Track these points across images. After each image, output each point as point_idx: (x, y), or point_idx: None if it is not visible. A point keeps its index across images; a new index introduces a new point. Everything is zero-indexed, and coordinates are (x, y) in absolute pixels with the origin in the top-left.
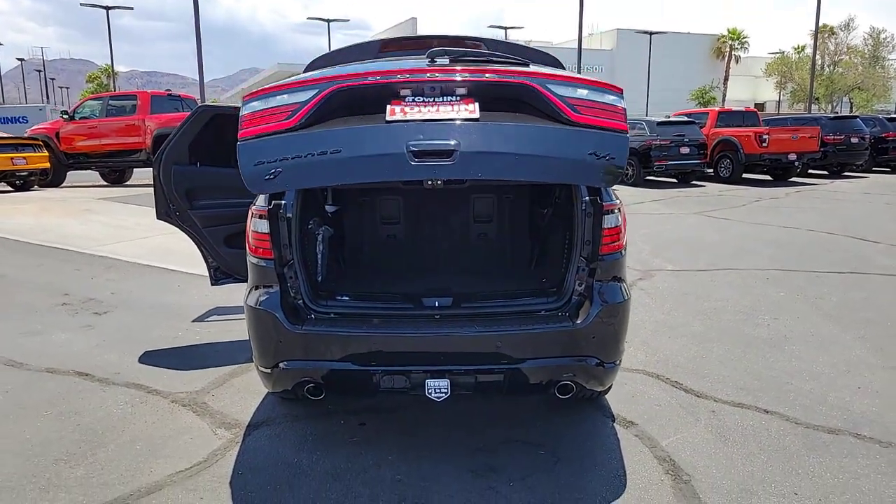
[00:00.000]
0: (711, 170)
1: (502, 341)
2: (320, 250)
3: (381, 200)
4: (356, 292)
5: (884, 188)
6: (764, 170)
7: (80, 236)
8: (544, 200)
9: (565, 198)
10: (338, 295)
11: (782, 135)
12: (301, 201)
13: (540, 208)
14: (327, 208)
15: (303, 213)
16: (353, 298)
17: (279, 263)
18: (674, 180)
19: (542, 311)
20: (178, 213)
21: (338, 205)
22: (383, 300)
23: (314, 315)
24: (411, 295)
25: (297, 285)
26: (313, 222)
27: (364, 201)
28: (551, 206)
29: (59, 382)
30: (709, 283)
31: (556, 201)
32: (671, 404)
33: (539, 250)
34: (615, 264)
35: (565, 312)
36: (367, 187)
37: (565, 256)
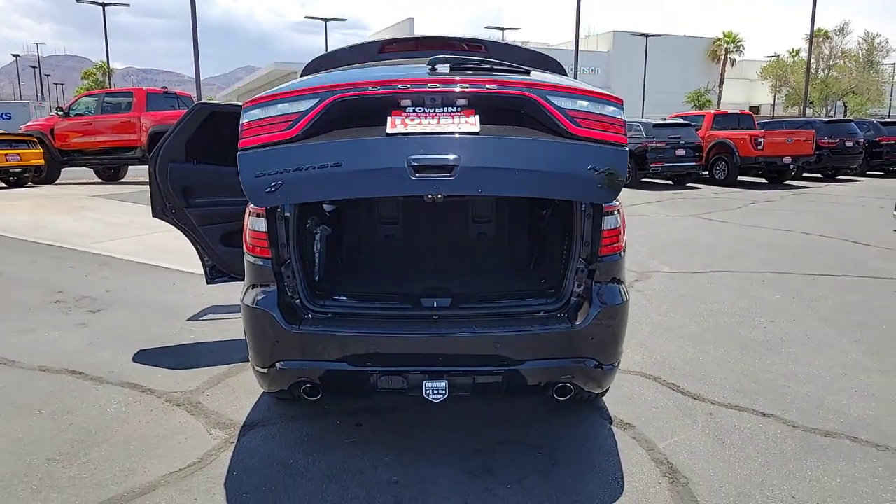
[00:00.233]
0: (707, 172)
1: (501, 342)
2: (318, 249)
3: (380, 200)
4: (354, 292)
5: (878, 192)
6: (759, 172)
7: (75, 233)
8: (543, 201)
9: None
10: (335, 295)
11: (777, 138)
12: None
13: (539, 209)
14: (325, 207)
15: (301, 212)
16: (350, 298)
17: (276, 262)
18: (669, 182)
19: (541, 312)
20: (175, 211)
21: (336, 204)
22: (381, 300)
23: (311, 315)
24: (409, 295)
25: (294, 285)
26: (311, 221)
27: (362, 201)
28: (550, 207)
29: (52, 381)
30: (705, 285)
31: (555, 202)
32: (668, 406)
33: (538, 251)
34: (614, 266)
35: (564, 314)
36: None
37: (564, 257)
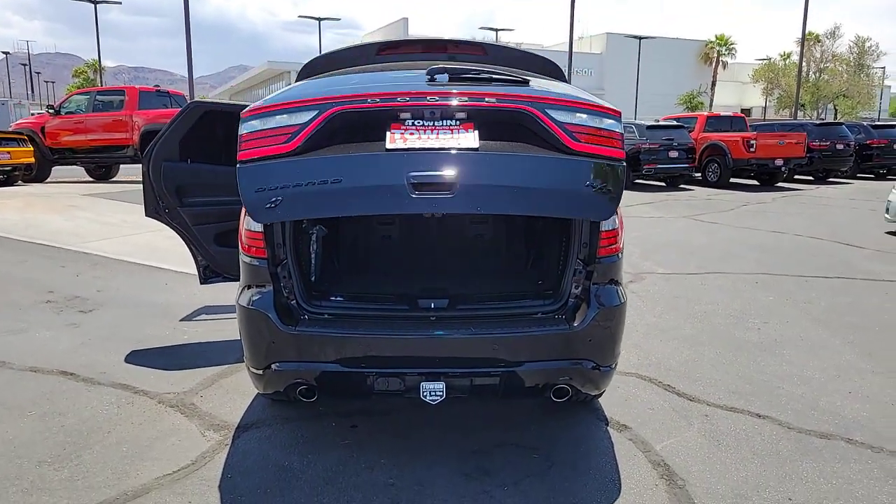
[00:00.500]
0: (700, 174)
1: (498, 344)
2: (314, 250)
3: None
4: (350, 293)
5: (868, 194)
6: (751, 174)
7: (66, 232)
8: None
9: None
10: (332, 295)
11: (769, 140)
12: None
13: None
14: None
15: None
16: (347, 299)
17: (272, 263)
18: (662, 184)
19: (539, 313)
20: (168, 211)
21: None
22: (378, 301)
23: (307, 316)
24: (407, 296)
25: (290, 285)
26: (307, 221)
27: None
28: None
29: (43, 382)
30: (699, 286)
31: None
32: (664, 408)
33: (536, 252)
34: (612, 267)
35: (562, 315)
36: None
37: (562, 258)
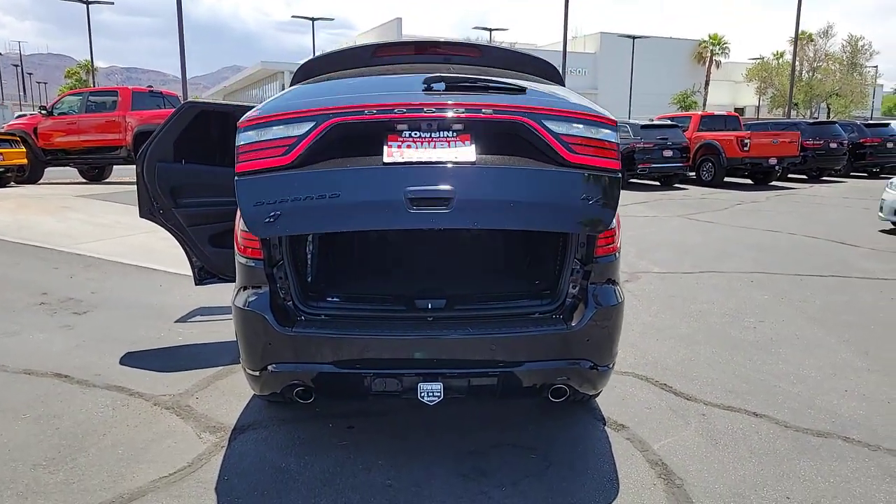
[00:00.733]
0: (694, 173)
1: (496, 344)
2: (310, 250)
3: None
4: (347, 294)
5: (862, 193)
6: (745, 173)
7: (59, 234)
8: None
9: None
10: (328, 296)
11: (763, 139)
12: None
13: None
14: None
15: None
16: (343, 300)
17: (268, 264)
18: (657, 183)
19: (536, 313)
20: (163, 212)
21: None
22: (375, 302)
23: (304, 317)
24: (404, 296)
25: (286, 286)
26: None
27: None
28: None
29: (38, 384)
30: (694, 285)
31: None
32: (661, 407)
33: (533, 252)
34: (609, 266)
35: (559, 315)
36: None
37: (559, 258)
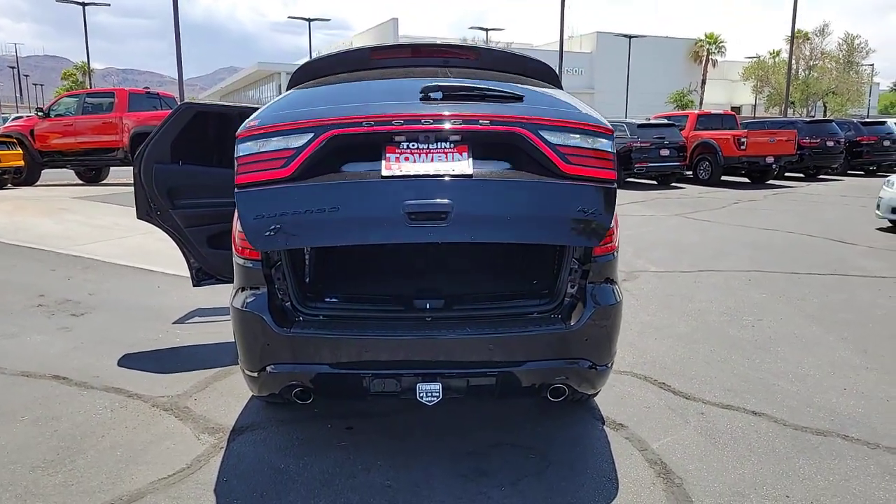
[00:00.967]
0: (691, 172)
1: (494, 344)
2: (308, 251)
3: None
4: (345, 294)
5: (859, 191)
6: (742, 172)
7: (56, 236)
8: None
9: None
10: (327, 297)
11: (760, 138)
12: None
13: None
14: None
15: None
16: (342, 300)
17: (266, 264)
18: (654, 182)
19: (535, 313)
20: (160, 213)
21: None
22: (373, 302)
23: (302, 317)
24: (402, 297)
25: (284, 287)
26: None
27: None
28: None
29: (36, 386)
30: (692, 284)
31: None
32: (660, 406)
33: (531, 251)
34: (607, 266)
35: (558, 314)
36: None
37: (557, 258)
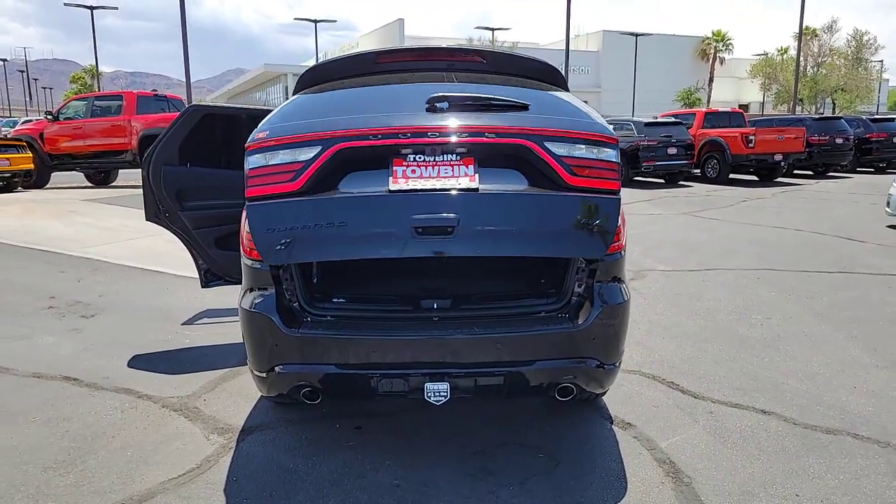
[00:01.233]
0: (698, 170)
1: (502, 343)
2: None
3: None
4: (353, 294)
5: (868, 188)
6: (750, 170)
7: (66, 238)
8: None
9: None
10: (334, 297)
11: (768, 135)
12: None
13: None
14: None
15: None
16: (349, 301)
17: (275, 265)
18: (661, 181)
19: (542, 312)
20: (168, 215)
21: None
22: (381, 302)
23: (310, 318)
24: (409, 297)
25: (292, 287)
26: None
27: None
28: None
29: (47, 388)
30: (700, 283)
31: None
32: (669, 405)
33: None
34: (615, 265)
35: (565, 314)
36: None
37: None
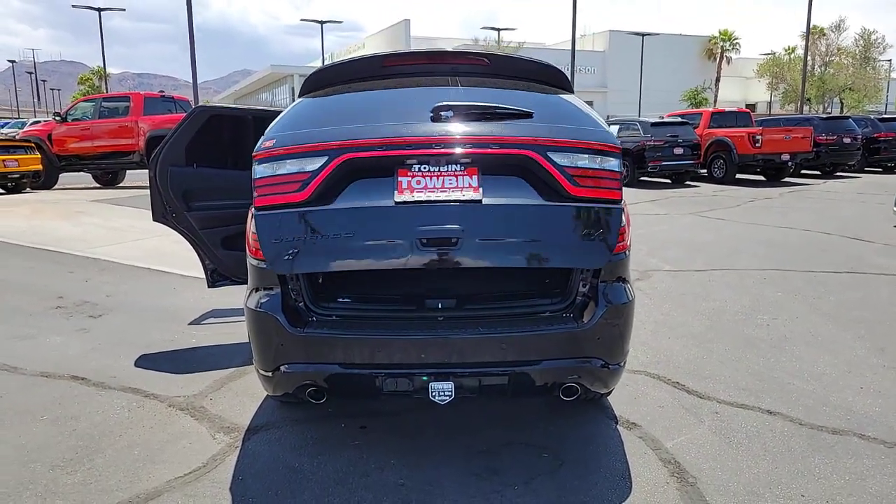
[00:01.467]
0: (705, 170)
1: (506, 343)
2: None
3: None
4: (358, 294)
5: (877, 188)
6: (757, 170)
7: (74, 238)
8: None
9: None
10: (339, 297)
11: (775, 135)
12: None
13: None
14: None
15: None
16: (354, 300)
17: None
18: (668, 181)
19: (547, 312)
20: (175, 215)
21: None
22: (386, 302)
23: (315, 317)
24: (414, 296)
25: (298, 287)
26: None
27: None
28: None
29: (55, 387)
30: (706, 283)
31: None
32: (674, 405)
33: None
34: (619, 265)
35: (570, 313)
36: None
37: None
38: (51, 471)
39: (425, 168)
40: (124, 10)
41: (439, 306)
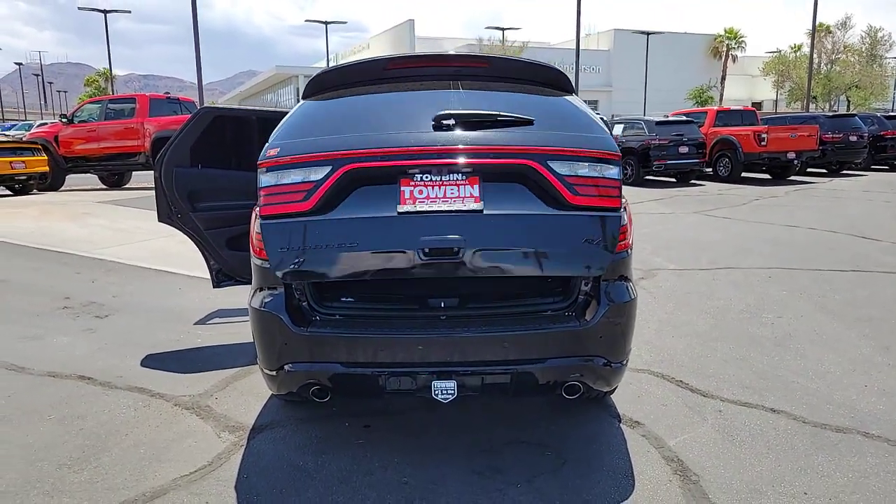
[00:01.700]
0: (710, 169)
1: (509, 342)
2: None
3: None
4: (361, 294)
5: (883, 186)
6: (763, 168)
7: (80, 240)
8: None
9: None
10: (342, 296)
11: (781, 133)
12: None
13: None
14: None
15: None
16: (357, 300)
17: None
18: (673, 179)
19: (549, 310)
20: (180, 216)
21: None
22: (389, 301)
23: (319, 317)
24: (417, 296)
25: (301, 287)
26: None
27: None
28: None
29: (62, 387)
30: (711, 281)
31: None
32: (677, 404)
33: None
34: (621, 263)
35: (572, 312)
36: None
37: None
38: (58, 469)
39: (427, 177)
40: (130, 11)
41: (442, 305)
